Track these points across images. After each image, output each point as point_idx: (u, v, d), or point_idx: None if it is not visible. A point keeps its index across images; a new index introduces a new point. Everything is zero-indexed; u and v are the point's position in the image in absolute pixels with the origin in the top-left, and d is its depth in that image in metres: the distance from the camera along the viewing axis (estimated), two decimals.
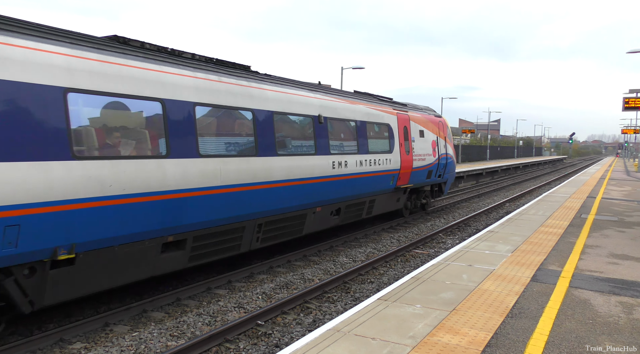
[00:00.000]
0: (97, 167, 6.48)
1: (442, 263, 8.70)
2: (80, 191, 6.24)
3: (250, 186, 8.97)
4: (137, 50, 7.60)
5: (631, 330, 5.70)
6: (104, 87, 6.71)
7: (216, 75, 8.73)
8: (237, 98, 8.98)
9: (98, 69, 6.68)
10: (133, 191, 6.88)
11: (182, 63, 8.15)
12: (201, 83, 8.27)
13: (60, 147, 6.08)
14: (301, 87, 11.27)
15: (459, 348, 5.08)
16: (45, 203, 5.88)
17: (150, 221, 7.23)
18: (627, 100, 21.06)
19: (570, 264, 8.72)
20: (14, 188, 5.57)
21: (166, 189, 7.36)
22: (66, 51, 6.36)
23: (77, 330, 6.91)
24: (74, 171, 6.20)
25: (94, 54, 6.74)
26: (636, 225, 13.21)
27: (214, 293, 8.92)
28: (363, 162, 12.74)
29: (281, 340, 6.91)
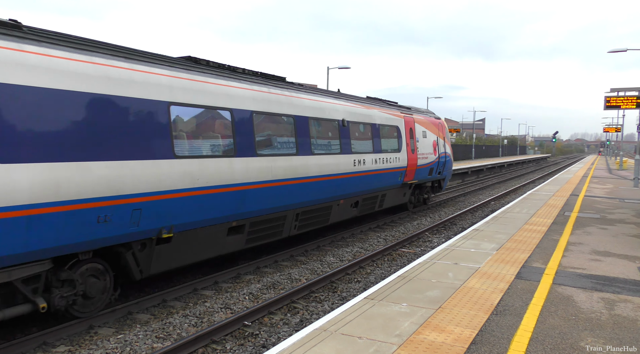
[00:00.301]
0: (190, 164, 8.10)
1: (428, 261, 8.76)
2: (179, 184, 7.86)
3: (292, 181, 10.59)
4: (211, 69, 9.28)
5: (613, 326, 5.80)
6: (192, 100, 8.35)
7: (266, 88, 10.52)
8: (283, 106, 10.70)
9: (188, 86, 8.33)
10: (213, 184, 8.50)
11: (242, 79, 9.90)
12: (257, 94, 10.01)
13: (166, 149, 7.72)
14: (328, 95, 13.05)
15: (444, 346, 5.12)
16: (157, 192, 7.51)
17: (222, 209, 8.83)
18: (608, 99, 21.38)
19: (554, 261, 8.84)
20: (139, 180, 7.21)
21: (234, 182, 8.98)
22: (168, 73, 8.09)
23: (60, 333, 6.82)
24: (175, 167, 7.82)
25: (184, 73, 8.42)
26: (618, 222, 13.44)
27: (200, 294, 8.87)
28: (377, 160, 14.37)
29: (268, 340, 6.90)
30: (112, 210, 6.93)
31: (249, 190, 9.32)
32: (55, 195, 6.20)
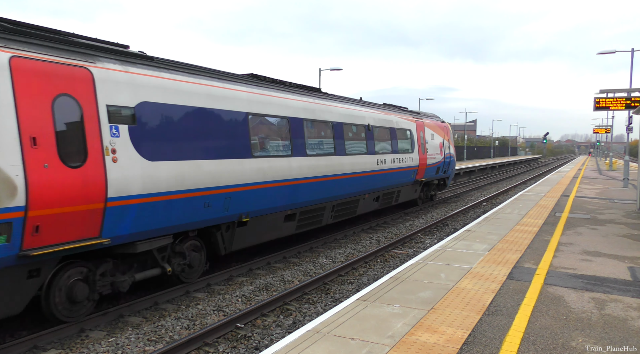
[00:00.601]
0: (261, 162, 10.08)
1: (421, 262, 8.79)
2: (254, 178, 9.82)
3: (330, 177, 12.51)
4: (269, 84, 11.24)
5: (603, 325, 5.85)
6: (262, 111, 10.36)
7: (311, 98, 12.58)
8: (324, 114, 12.75)
9: (259, 100, 10.36)
10: (277, 179, 10.45)
11: (293, 91, 11.92)
12: (305, 105, 12.05)
13: (247, 150, 9.75)
14: (356, 103, 15.16)
15: (437, 347, 5.14)
16: (240, 185, 9.45)
17: (282, 199, 10.75)
18: (597, 101, 21.56)
19: (545, 261, 8.90)
20: (230, 174, 9.17)
21: (290, 177, 10.91)
22: (246, 89, 10.10)
23: (51, 337, 6.77)
24: (252, 165, 9.80)
25: (256, 89, 10.45)
26: (608, 223, 13.56)
27: (192, 296, 8.84)
28: (395, 159, 16.39)
29: (261, 343, 6.88)
30: (213, 198, 8.85)
31: (300, 184, 11.33)
32: (181, 185, 8.14)
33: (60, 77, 6.57)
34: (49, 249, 6.24)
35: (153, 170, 7.66)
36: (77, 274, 7.11)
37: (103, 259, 7.57)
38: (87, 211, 6.71)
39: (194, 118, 8.56)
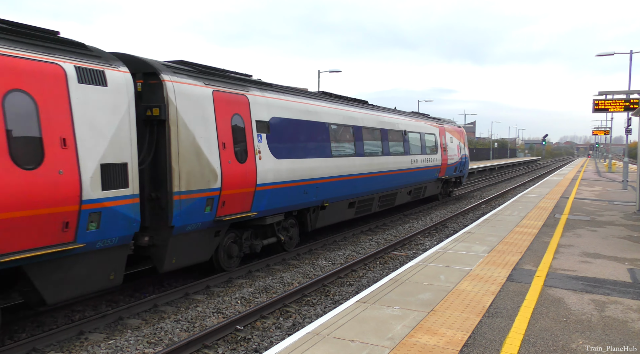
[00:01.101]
0: (337, 161, 13.09)
1: (420, 264, 8.78)
2: (333, 173, 12.80)
3: (379, 174, 15.46)
4: (336, 99, 14.34)
5: (603, 327, 5.84)
6: (336, 121, 13.40)
7: (364, 109, 15.55)
8: (375, 122, 15.76)
9: (334, 112, 13.42)
10: (346, 174, 13.45)
11: (353, 104, 15.02)
12: (362, 115, 15.08)
13: (328, 151, 12.79)
14: (395, 112, 18.25)
15: (437, 349, 5.13)
16: (324, 177, 12.37)
17: (347, 190, 13.68)
18: (596, 102, 21.58)
19: (545, 263, 8.90)
20: (319, 169, 12.13)
21: (353, 173, 13.85)
22: (325, 104, 13.10)
23: (50, 339, 6.75)
24: (331, 163, 12.83)
25: (331, 104, 13.53)
26: (607, 224, 13.56)
27: (192, 298, 8.82)
28: (424, 159, 19.51)
29: (260, 345, 6.87)
30: (309, 187, 11.83)
31: (359, 178, 14.22)
32: (293, 176, 11.17)
33: (235, 102, 9.67)
34: (228, 217, 9.29)
35: (278, 165, 10.70)
36: (232, 238, 10.07)
37: (245, 228, 10.51)
38: (246, 193, 9.75)
39: (298, 127, 11.64)
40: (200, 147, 8.64)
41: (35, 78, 6.23)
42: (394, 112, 18.18)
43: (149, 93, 8.21)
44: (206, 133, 8.77)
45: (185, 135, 8.39)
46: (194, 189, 8.47)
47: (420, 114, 21.87)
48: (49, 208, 6.19)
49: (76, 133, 6.62)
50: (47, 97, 6.33)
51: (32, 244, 6.07)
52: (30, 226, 6.03)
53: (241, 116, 9.75)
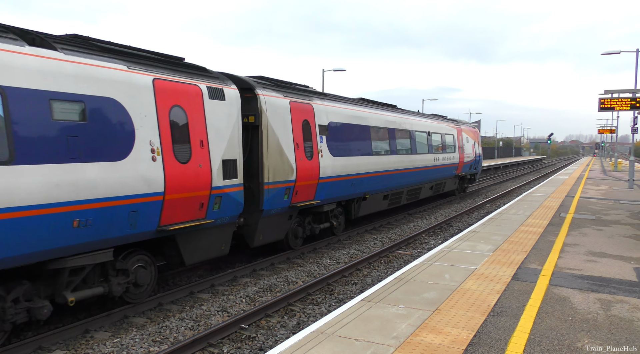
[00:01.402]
0: (378, 159, 15.16)
1: (425, 263, 8.77)
2: (373, 169, 14.78)
3: (408, 170, 17.49)
4: (374, 104, 16.49)
5: (609, 326, 5.81)
6: (375, 124, 15.39)
7: (396, 113, 17.71)
8: (405, 124, 17.89)
9: (374, 117, 15.44)
10: (382, 170, 15.42)
11: (386, 109, 17.06)
12: (395, 118, 17.12)
13: (370, 150, 14.81)
14: (420, 115, 20.58)
15: (441, 348, 5.12)
16: (366, 172, 14.32)
17: (383, 184, 15.66)
18: (602, 101, 21.46)
19: (550, 262, 8.86)
20: (363, 166, 14.08)
21: (388, 169, 15.87)
22: (368, 110, 15.26)
23: (56, 338, 6.78)
24: (372, 160, 14.79)
25: (371, 109, 15.58)
26: (613, 223, 13.49)
27: (197, 297, 8.84)
28: (444, 157, 21.53)
29: (265, 343, 6.88)
30: (355, 181, 13.80)
31: (393, 174, 16.23)
32: (344, 172, 13.19)
33: (303, 110, 11.76)
34: (299, 204, 11.37)
35: (334, 162, 12.76)
36: (297, 222, 12.12)
37: (307, 214, 12.52)
38: (312, 185, 11.83)
39: (348, 130, 13.76)
40: (282, 146, 10.77)
41: (185, 96, 8.28)
42: (419, 115, 20.42)
43: (245, 104, 10.23)
44: (286, 136, 10.95)
45: (272, 137, 10.50)
46: (278, 180, 10.61)
47: (440, 116, 24.13)
48: (194, 192, 8.28)
49: (208, 136, 8.72)
50: (192, 110, 8.40)
51: (182, 218, 8.20)
52: (183, 205, 8.13)
53: (308, 121, 11.91)
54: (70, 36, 7.52)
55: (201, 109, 8.58)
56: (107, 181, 6.83)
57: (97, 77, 6.87)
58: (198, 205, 8.44)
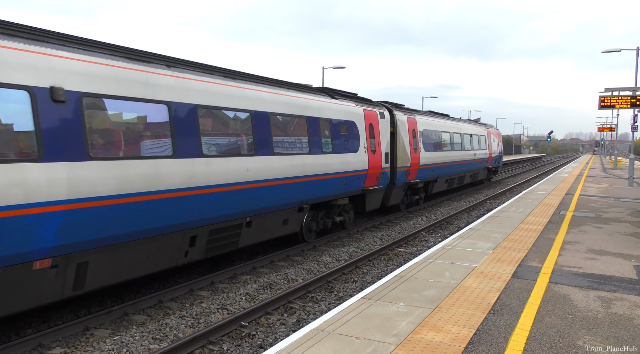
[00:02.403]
0: (446, 153, 21.60)
1: (425, 261, 8.76)
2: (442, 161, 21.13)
3: (457, 162, 23.09)
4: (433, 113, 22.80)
5: (609, 324, 5.81)
6: (445, 128, 22.01)
7: (453, 121, 24.43)
8: (455, 128, 23.68)
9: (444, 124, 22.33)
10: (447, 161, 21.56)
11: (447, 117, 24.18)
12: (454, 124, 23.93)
13: (440, 147, 21.03)
14: (462, 120, 26.92)
15: (442, 345, 5.11)
16: (442, 162, 21.25)
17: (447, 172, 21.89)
18: (602, 99, 21.44)
19: (550, 260, 8.86)
20: (436, 158, 20.48)
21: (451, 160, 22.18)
22: (438, 119, 21.84)
23: (56, 335, 6.78)
24: (443, 154, 21.23)
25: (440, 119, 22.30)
26: (613, 221, 13.49)
27: (196, 294, 8.84)
28: (478, 153, 27.46)
29: (265, 341, 6.87)
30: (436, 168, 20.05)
31: (437, 167, 20.53)
32: (431, 161, 19.46)
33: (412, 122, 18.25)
34: (411, 181, 17.92)
35: (427, 155, 19.00)
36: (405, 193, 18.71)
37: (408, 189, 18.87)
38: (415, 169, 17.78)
39: (432, 134, 19.96)
40: (405, 145, 17.14)
41: (373, 118, 15.05)
42: (463, 121, 27.26)
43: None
44: (406, 138, 17.33)
45: (400, 140, 16.89)
46: (402, 166, 16.90)
47: (474, 121, 32.40)
48: (376, 170, 14.81)
49: (380, 140, 15.30)
50: (375, 125, 15.08)
51: (371, 184, 14.70)
52: (372, 177, 14.66)
53: (415, 129, 18.32)
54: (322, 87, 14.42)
55: (377, 125, 15.25)
56: (352, 162, 13.46)
57: (350, 112, 13.83)
58: (377, 178, 15.02)
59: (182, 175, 7.90)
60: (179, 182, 7.85)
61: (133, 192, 7.09)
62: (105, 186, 6.71)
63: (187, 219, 8.09)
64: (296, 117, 11.32)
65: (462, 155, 23.93)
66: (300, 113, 11.44)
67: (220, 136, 9.04)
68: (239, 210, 9.32)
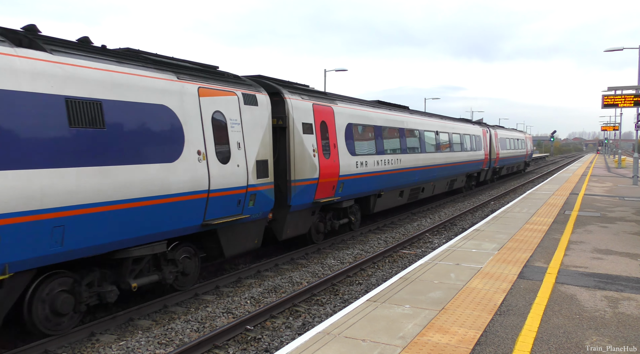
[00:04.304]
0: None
1: (430, 262, 8.73)
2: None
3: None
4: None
5: (617, 324, 5.77)
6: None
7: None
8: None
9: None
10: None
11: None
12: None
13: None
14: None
15: (449, 347, 5.09)
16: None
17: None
18: (606, 98, 21.39)
19: (556, 260, 8.82)
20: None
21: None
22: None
23: (62, 341, 6.78)
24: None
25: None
26: (618, 220, 13.43)
27: (201, 299, 8.83)
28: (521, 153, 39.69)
29: (271, 344, 6.86)
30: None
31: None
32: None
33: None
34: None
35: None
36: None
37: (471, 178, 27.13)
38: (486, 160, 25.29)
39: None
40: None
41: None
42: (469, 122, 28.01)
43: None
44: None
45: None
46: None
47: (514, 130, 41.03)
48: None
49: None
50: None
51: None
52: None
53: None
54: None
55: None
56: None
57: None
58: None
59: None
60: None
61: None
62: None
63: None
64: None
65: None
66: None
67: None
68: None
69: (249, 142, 9.54)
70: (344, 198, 13.07)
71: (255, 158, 9.66)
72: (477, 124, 29.29)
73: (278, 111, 10.93)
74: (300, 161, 11.12)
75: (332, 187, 12.40)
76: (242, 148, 9.32)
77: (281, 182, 10.85)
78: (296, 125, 11.15)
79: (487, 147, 28.88)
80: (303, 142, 11.29)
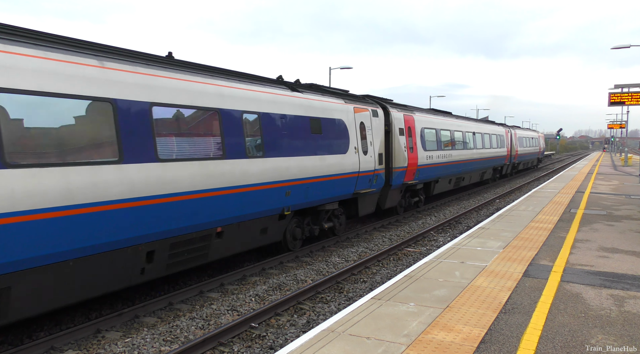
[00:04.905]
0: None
1: (435, 260, 8.72)
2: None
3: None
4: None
5: (623, 322, 5.75)
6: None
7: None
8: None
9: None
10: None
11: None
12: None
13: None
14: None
15: (453, 345, 5.08)
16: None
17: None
18: (612, 96, 21.26)
19: (561, 258, 8.78)
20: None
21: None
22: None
23: (68, 338, 6.82)
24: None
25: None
26: (624, 219, 13.35)
27: (206, 296, 8.86)
28: (534, 150, 43.26)
29: (275, 342, 6.87)
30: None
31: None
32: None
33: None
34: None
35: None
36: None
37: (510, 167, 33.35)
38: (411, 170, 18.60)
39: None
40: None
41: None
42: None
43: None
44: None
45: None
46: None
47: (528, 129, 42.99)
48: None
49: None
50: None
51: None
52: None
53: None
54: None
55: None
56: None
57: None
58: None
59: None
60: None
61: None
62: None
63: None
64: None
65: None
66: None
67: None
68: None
69: (375, 141, 14.24)
70: (419, 182, 17.72)
71: (377, 151, 14.28)
72: (500, 125, 33.89)
73: (385, 120, 15.53)
74: (397, 154, 15.69)
75: (413, 173, 16.96)
76: (372, 145, 14.01)
77: (385, 169, 15.15)
78: (395, 130, 15.77)
79: (509, 145, 33.19)
80: (399, 141, 15.88)
